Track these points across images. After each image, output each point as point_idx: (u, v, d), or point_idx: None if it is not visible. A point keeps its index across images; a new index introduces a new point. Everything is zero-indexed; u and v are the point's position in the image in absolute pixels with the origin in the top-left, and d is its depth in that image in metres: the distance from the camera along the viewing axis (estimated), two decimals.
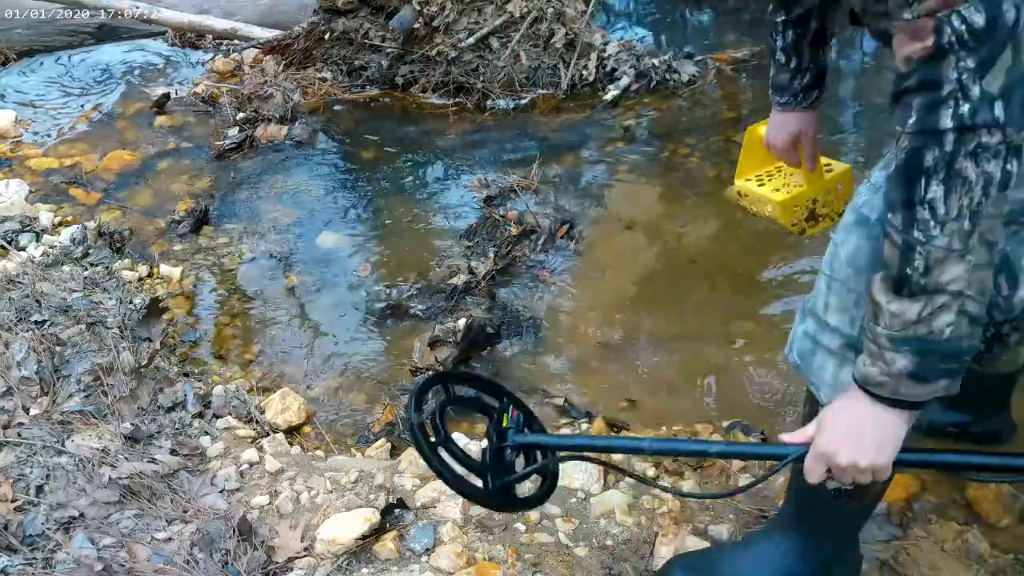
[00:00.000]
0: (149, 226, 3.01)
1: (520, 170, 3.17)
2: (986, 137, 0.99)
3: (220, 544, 1.65)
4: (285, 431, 2.12)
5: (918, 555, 1.67)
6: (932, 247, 1.03)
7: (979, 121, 0.98)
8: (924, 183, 1.02)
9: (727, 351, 2.29)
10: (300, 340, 2.49)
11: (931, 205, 1.02)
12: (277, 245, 2.90)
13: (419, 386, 1.37)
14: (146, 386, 2.12)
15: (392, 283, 2.68)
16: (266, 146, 3.47)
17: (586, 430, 2.05)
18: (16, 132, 3.66)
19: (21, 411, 1.98)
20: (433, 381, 1.42)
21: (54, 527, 1.69)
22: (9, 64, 4.32)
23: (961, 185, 1.00)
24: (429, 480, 1.86)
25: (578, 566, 1.66)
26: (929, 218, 1.03)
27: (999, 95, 0.97)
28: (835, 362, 1.28)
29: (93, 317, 2.35)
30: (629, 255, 2.74)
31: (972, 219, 1.02)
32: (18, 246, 2.77)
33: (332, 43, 3.94)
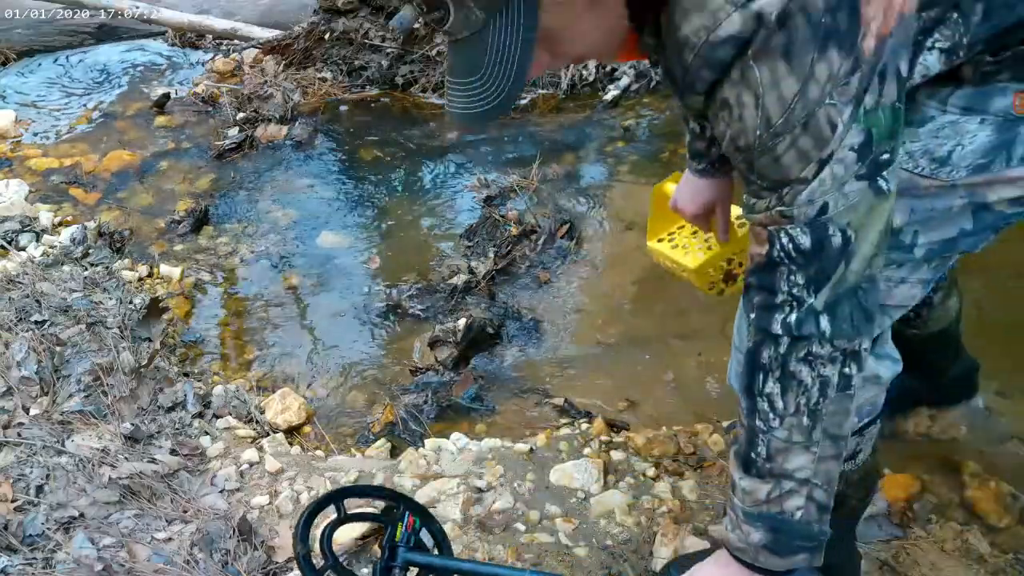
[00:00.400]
0: (149, 226, 3.01)
1: (520, 170, 3.17)
2: (816, 347, 1.02)
3: (220, 544, 1.65)
4: (285, 431, 2.12)
5: (918, 555, 1.67)
6: (772, 437, 1.07)
7: (804, 332, 1.01)
8: (762, 378, 1.06)
9: (727, 351, 2.28)
10: (300, 340, 2.49)
11: (769, 399, 1.06)
12: (277, 245, 2.89)
13: (309, 511, 1.38)
14: (146, 386, 2.12)
15: (392, 283, 2.68)
16: (266, 146, 3.47)
17: (586, 430, 2.05)
18: (16, 132, 3.66)
19: (21, 411, 1.98)
20: (323, 503, 1.42)
21: (54, 527, 1.69)
22: (9, 64, 4.32)
23: (797, 386, 1.04)
24: (429, 480, 1.87)
25: (578, 566, 1.66)
26: (768, 410, 1.06)
27: (823, 309, 1.00)
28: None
29: (93, 317, 2.35)
30: (629, 255, 2.74)
31: (811, 416, 1.05)
32: (18, 246, 2.77)
33: (332, 43, 3.94)
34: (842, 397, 1.06)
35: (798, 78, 0.89)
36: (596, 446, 1.99)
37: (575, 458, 1.94)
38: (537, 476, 1.88)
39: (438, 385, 2.26)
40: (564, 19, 0.94)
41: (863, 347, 1.05)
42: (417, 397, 2.22)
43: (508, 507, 1.79)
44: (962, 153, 1.05)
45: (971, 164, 1.05)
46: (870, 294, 1.02)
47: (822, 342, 1.02)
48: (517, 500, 1.81)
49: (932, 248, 1.13)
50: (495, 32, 0.89)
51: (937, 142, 1.05)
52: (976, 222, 1.11)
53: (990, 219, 1.11)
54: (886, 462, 1.91)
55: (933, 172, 1.06)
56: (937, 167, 1.06)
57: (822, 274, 0.99)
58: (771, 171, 0.97)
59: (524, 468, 1.91)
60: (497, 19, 0.89)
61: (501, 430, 2.12)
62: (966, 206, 1.09)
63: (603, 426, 2.06)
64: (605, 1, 0.95)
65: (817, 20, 0.87)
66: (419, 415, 2.17)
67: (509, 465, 1.91)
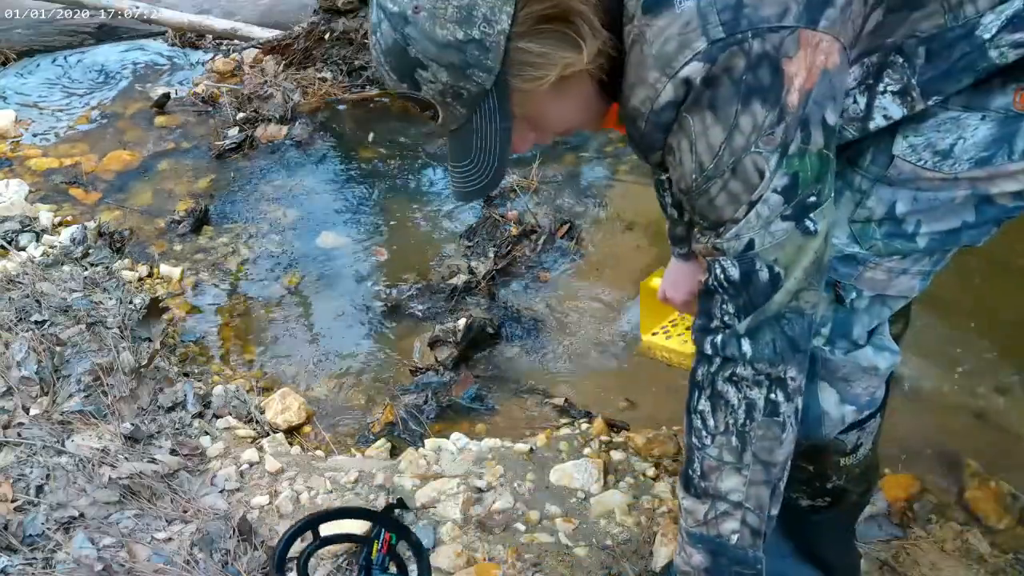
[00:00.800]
0: (149, 226, 3.01)
1: (520, 170, 3.16)
2: (740, 368, 1.10)
3: (220, 544, 1.65)
4: (285, 431, 2.12)
5: (918, 555, 1.67)
6: (706, 455, 1.14)
7: (727, 353, 1.10)
8: (696, 395, 1.15)
9: None
10: (300, 340, 2.49)
11: (702, 417, 1.14)
12: (277, 245, 2.89)
13: (284, 540, 1.41)
14: (146, 386, 2.12)
15: (392, 283, 2.68)
16: (266, 146, 3.47)
17: (586, 430, 2.05)
18: (16, 132, 3.66)
19: (21, 411, 1.98)
20: (299, 531, 1.44)
21: (54, 527, 1.69)
22: (9, 64, 4.32)
23: (724, 405, 1.12)
24: (429, 480, 1.87)
25: (578, 566, 1.66)
26: (701, 427, 1.14)
27: (745, 333, 1.08)
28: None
29: (93, 317, 2.35)
30: (629, 255, 2.74)
31: (739, 438, 1.12)
32: (18, 246, 2.77)
33: (332, 43, 3.94)
34: (770, 423, 1.11)
35: (723, 128, 0.99)
36: (596, 446, 1.99)
37: (575, 458, 1.94)
38: (537, 476, 1.88)
39: (438, 385, 2.26)
40: (536, 108, 1.06)
41: (789, 375, 1.11)
42: (417, 397, 2.22)
43: (508, 507, 1.79)
44: (964, 146, 1.07)
45: (973, 157, 1.07)
46: (795, 324, 1.08)
47: (744, 364, 1.10)
48: (517, 500, 1.81)
49: (935, 238, 1.15)
50: (478, 125, 1.03)
51: (939, 135, 1.07)
52: (979, 215, 1.13)
53: (992, 212, 1.13)
54: (886, 462, 1.92)
55: (936, 165, 1.08)
56: (940, 160, 1.08)
57: (750, 304, 1.07)
58: (708, 211, 1.06)
59: (524, 468, 1.91)
60: (477, 114, 1.02)
61: (501, 430, 2.12)
62: (969, 198, 1.11)
63: (603, 426, 2.06)
64: (569, 89, 1.05)
65: (739, 78, 0.96)
66: (419, 415, 2.17)
67: (509, 465, 1.91)
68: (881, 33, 1.05)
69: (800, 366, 1.12)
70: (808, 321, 1.10)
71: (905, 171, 1.10)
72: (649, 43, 0.99)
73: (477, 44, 0.95)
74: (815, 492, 1.39)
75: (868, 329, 1.23)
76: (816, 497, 1.39)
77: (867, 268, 1.17)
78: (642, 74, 1.01)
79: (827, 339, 1.21)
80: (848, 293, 1.19)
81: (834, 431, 1.28)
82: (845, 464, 1.34)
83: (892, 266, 1.17)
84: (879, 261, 1.16)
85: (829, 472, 1.36)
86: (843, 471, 1.36)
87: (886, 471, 1.89)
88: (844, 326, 1.21)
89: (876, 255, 1.16)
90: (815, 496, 1.39)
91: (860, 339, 1.23)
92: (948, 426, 2.03)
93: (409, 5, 0.95)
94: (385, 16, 0.98)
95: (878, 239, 1.15)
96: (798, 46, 0.96)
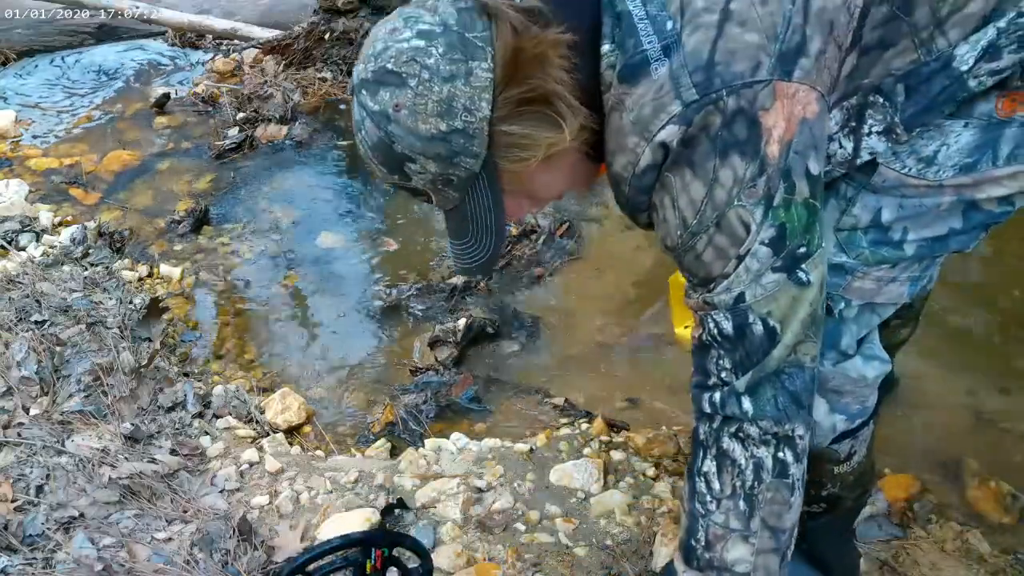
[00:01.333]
0: (149, 226, 3.01)
1: None
2: (746, 426, 1.08)
3: (220, 544, 1.65)
4: (285, 431, 2.12)
5: (918, 555, 1.67)
6: (710, 522, 1.10)
7: (728, 412, 1.08)
8: (701, 455, 1.12)
9: None
10: (300, 340, 2.49)
11: (707, 479, 1.11)
12: (277, 245, 2.89)
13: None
14: (146, 386, 2.12)
15: (392, 283, 2.68)
16: (266, 146, 3.47)
17: (586, 430, 2.05)
18: (16, 132, 3.66)
19: (21, 411, 1.98)
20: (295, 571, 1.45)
21: (54, 527, 1.69)
22: (9, 64, 4.32)
23: (731, 465, 1.09)
24: (429, 480, 1.87)
25: (578, 566, 1.66)
26: (705, 491, 1.11)
27: (744, 391, 1.06)
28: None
29: (93, 317, 2.35)
30: (629, 255, 2.74)
31: (747, 501, 1.08)
32: (18, 246, 2.77)
33: (332, 43, 3.94)
34: (779, 484, 1.09)
35: (703, 183, 0.99)
36: (596, 446, 1.99)
37: (575, 458, 1.94)
38: (537, 476, 1.88)
39: (438, 385, 2.26)
40: (527, 184, 1.08)
41: (797, 433, 1.08)
42: (417, 397, 2.22)
43: (508, 507, 1.79)
44: (947, 153, 1.06)
45: (957, 163, 1.06)
46: (796, 379, 1.06)
47: (748, 423, 1.08)
48: (517, 500, 1.81)
49: (923, 245, 1.14)
50: (471, 204, 1.05)
51: (923, 143, 1.07)
52: (966, 221, 1.12)
53: (979, 218, 1.12)
54: (886, 462, 1.92)
55: (920, 172, 1.08)
56: (924, 167, 1.08)
57: (747, 359, 1.06)
58: (697, 268, 1.06)
59: (524, 468, 1.91)
60: (470, 196, 1.04)
61: (501, 430, 2.12)
62: (955, 204, 1.11)
63: (603, 426, 2.06)
64: (557, 162, 1.07)
65: (715, 134, 0.97)
66: (419, 415, 2.17)
67: (509, 465, 1.91)
68: (857, 76, 1.05)
69: (806, 424, 1.10)
70: (810, 375, 1.08)
71: (890, 178, 1.10)
72: (628, 110, 1.01)
73: (461, 133, 0.97)
74: (810, 499, 1.37)
75: (857, 338, 1.23)
76: (811, 504, 1.39)
77: (855, 278, 1.17)
78: (622, 141, 1.03)
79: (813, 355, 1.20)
80: (836, 304, 1.18)
81: (825, 440, 1.28)
82: (839, 472, 1.34)
83: (881, 275, 1.17)
84: (867, 270, 1.16)
85: (824, 480, 1.36)
86: (837, 479, 1.36)
87: (886, 471, 1.89)
88: (833, 336, 1.20)
89: (864, 264, 1.15)
90: (810, 503, 1.38)
91: (849, 349, 1.23)
92: (948, 426, 2.03)
93: (389, 103, 0.96)
94: (367, 115, 0.99)
95: (864, 247, 1.14)
96: (774, 98, 0.96)
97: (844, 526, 1.52)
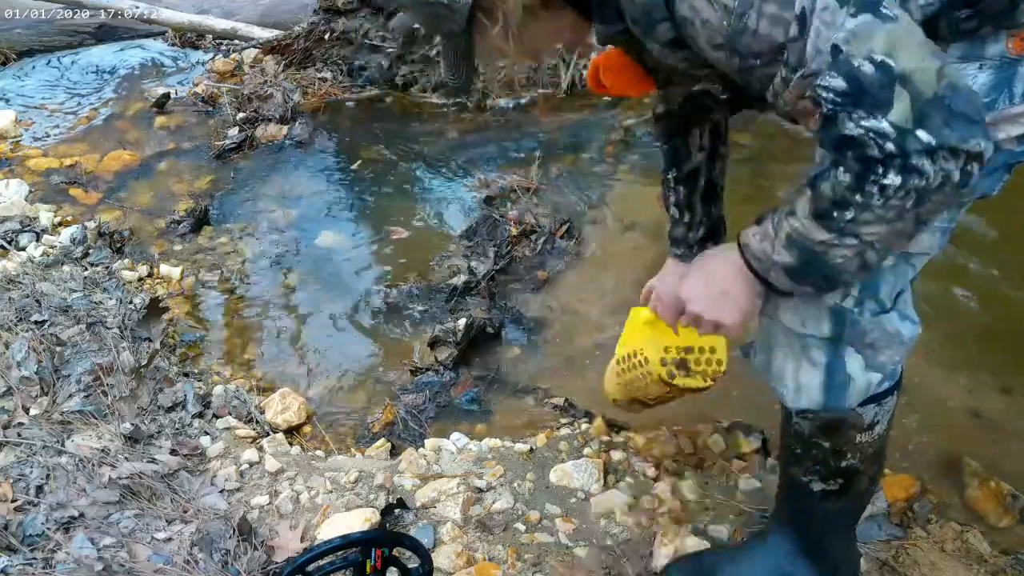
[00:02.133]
0: (149, 226, 3.01)
1: (520, 170, 3.17)
2: (928, 155, 0.98)
3: (220, 544, 1.65)
4: (285, 431, 2.12)
5: (918, 555, 1.67)
6: (869, 210, 1.02)
7: (910, 149, 0.97)
8: (882, 170, 1.00)
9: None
10: (300, 340, 2.49)
11: (882, 188, 1.01)
12: (277, 245, 2.89)
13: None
14: (146, 386, 2.12)
15: (392, 283, 2.68)
16: (266, 146, 3.47)
17: (586, 430, 2.05)
18: (16, 132, 3.66)
19: (21, 411, 1.98)
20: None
21: (54, 527, 1.69)
22: (9, 64, 4.32)
23: (918, 175, 0.99)
24: (429, 480, 1.87)
25: (578, 566, 1.66)
26: (876, 192, 1.01)
27: (913, 126, 0.97)
28: (792, 362, 1.29)
29: (93, 317, 2.35)
30: (629, 255, 2.74)
31: (917, 203, 1.01)
32: (18, 246, 2.77)
33: (332, 43, 3.94)
34: (955, 194, 1.01)
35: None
36: (596, 446, 1.99)
37: (575, 458, 1.94)
38: (537, 476, 1.88)
39: (438, 385, 2.26)
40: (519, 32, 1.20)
41: (982, 146, 0.99)
42: (417, 397, 2.22)
43: (508, 507, 1.79)
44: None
45: None
46: (957, 99, 0.97)
47: (933, 153, 0.97)
48: (517, 500, 1.81)
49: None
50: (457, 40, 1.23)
51: None
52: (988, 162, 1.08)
53: (1001, 158, 1.13)
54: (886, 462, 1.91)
55: None
56: None
57: (877, 101, 0.97)
58: (757, 44, 1.02)
59: (524, 468, 1.91)
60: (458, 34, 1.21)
61: (501, 430, 2.12)
62: None
63: (603, 426, 2.06)
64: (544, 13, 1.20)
65: None
66: (419, 415, 2.18)
67: (509, 465, 1.91)
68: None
69: (983, 134, 1.00)
70: (967, 94, 0.99)
71: None
72: None
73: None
74: (829, 473, 1.38)
75: (894, 291, 1.23)
76: (829, 479, 1.39)
77: None
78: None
79: (856, 300, 1.20)
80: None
81: (857, 400, 1.28)
82: (861, 441, 1.34)
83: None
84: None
85: (844, 449, 1.36)
86: (858, 449, 1.35)
87: (886, 471, 1.89)
88: (872, 287, 1.20)
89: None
90: (828, 478, 1.39)
91: (887, 301, 1.22)
92: (948, 426, 2.03)
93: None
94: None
95: None
96: None
97: (855, 514, 1.52)
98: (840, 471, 1.38)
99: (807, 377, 1.27)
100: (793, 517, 1.52)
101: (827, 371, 1.25)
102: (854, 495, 1.43)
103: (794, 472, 1.43)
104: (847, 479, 1.39)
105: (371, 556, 1.48)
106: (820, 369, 1.26)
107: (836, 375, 1.24)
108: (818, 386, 1.27)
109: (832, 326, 1.22)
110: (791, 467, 1.44)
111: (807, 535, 1.49)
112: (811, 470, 1.39)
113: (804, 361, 1.27)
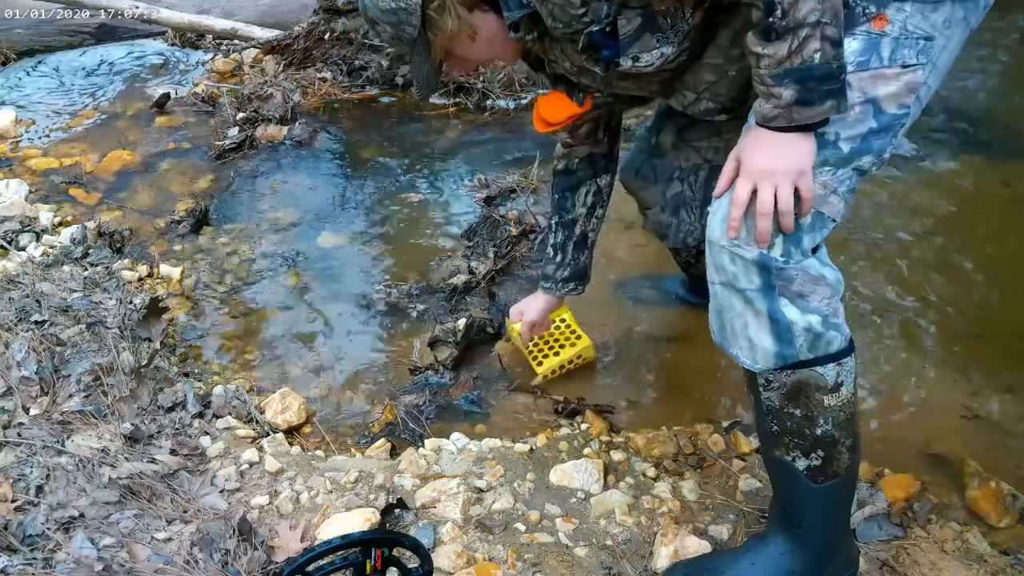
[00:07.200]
0: (149, 226, 3.01)
1: (520, 170, 3.17)
2: None
3: (220, 544, 1.65)
4: (285, 431, 2.12)
5: (918, 555, 1.67)
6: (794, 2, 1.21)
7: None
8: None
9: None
10: (300, 340, 2.49)
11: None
12: (277, 245, 2.89)
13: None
14: (146, 386, 2.12)
15: (392, 283, 2.68)
16: (266, 146, 3.47)
17: (586, 430, 2.05)
18: (16, 132, 3.66)
19: (21, 411, 1.98)
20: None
21: (54, 527, 1.69)
22: (9, 64, 4.32)
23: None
24: (429, 480, 1.87)
25: (578, 566, 1.66)
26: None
27: None
28: (739, 319, 1.40)
29: (93, 317, 2.35)
30: (629, 254, 2.74)
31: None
32: (18, 246, 2.77)
33: (332, 43, 3.94)
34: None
35: None
36: (596, 446, 1.99)
37: (575, 458, 1.94)
38: (537, 476, 1.89)
39: (438, 385, 2.27)
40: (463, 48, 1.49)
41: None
42: (417, 397, 2.22)
43: (508, 507, 1.79)
44: (845, 55, 1.27)
45: (853, 62, 1.30)
46: None
47: None
48: (517, 500, 1.81)
49: (853, 145, 1.33)
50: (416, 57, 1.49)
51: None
52: (877, 120, 1.33)
53: (887, 119, 1.33)
54: (886, 462, 1.92)
55: None
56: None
57: None
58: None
59: (524, 468, 1.91)
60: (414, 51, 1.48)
61: (501, 430, 2.12)
62: (865, 103, 1.32)
63: (603, 426, 2.06)
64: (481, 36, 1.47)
65: None
66: (419, 415, 2.18)
67: (509, 465, 1.91)
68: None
69: None
70: None
71: None
72: None
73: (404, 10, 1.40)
74: (808, 445, 1.43)
75: (813, 244, 1.36)
76: (810, 452, 1.43)
77: None
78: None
79: (783, 250, 1.33)
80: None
81: (807, 346, 1.36)
82: (830, 404, 1.40)
83: (826, 180, 1.33)
84: (815, 173, 1.32)
85: (815, 414, 1.41)
86: (829, 413, 1.41)
87: (886, 471, 1.89)
88: (795, 239, 1.33)
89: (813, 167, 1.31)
90: (808, 451, 1.43)
91: (808, 250, 1.35)
92: (948, 426, 2.03)
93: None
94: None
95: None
96: None
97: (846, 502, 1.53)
98: (817, 440, 1.42)
99: (754, 329, 1.37)
100: (787, 511, 1.53)
101: (770, 319, 1.36)
102: (838, 470, 1.45)
103: (777, 454, 1.48)
104: (826, 450, 1.43)
105: (371, 556, 1.48)
106: (764, 319, 1.36)
107: (779, 321, 1.35)
108: (767, 335, 1.36)
109: (761, 275, 1.33)
110: (773, 449, 1.48)
111: (803, 529, 1.50)
112: (790, 445, 1.44)
113: (749, 314, 1.37)
